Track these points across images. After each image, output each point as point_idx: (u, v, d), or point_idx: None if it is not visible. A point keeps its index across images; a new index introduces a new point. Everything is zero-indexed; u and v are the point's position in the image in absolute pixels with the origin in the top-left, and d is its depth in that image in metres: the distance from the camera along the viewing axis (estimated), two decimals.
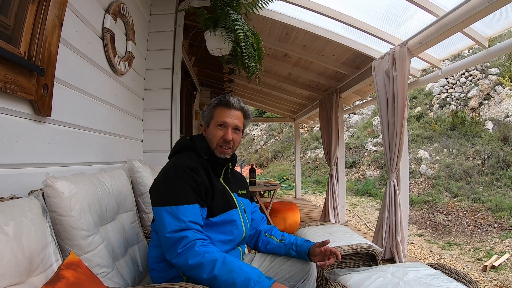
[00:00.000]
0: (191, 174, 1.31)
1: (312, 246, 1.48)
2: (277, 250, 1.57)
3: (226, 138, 1.45)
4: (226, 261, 1.16)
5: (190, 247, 1.17)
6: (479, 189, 7.19)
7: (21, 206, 1.00)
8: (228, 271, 1.13)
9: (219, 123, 1.46)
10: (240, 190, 1.62)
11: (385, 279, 1.63)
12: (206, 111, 1.53)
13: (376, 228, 3.64)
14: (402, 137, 3.29)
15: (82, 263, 0.99)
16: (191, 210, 1.25)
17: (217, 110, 1.48)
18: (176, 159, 1.42)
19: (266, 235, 1.64)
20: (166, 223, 1.22)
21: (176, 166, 1.34)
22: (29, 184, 1.31)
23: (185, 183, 1.28)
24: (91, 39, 1.86)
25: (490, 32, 2.84)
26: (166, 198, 1.27)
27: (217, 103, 1.49)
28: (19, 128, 1.29)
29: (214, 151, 1.46)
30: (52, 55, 1.36)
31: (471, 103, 9.92)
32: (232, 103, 1.48)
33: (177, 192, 1.27)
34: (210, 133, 1.48)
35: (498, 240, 5.20)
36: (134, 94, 2.64)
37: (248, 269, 1.16)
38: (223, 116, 1.46)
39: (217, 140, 1.45)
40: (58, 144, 1.56)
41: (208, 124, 1.51)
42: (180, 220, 1.21)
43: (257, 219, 1.70)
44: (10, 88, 1.14)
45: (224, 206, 1.41)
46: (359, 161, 11.85)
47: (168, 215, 1.23)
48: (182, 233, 1.19)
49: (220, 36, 2.51)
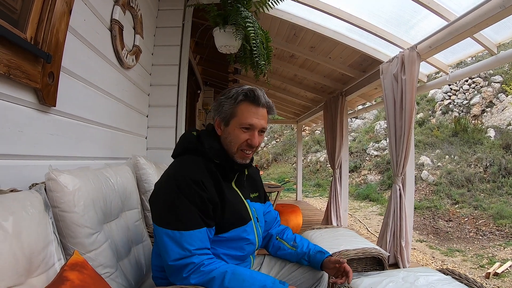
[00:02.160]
0: (196, 190, 1.12)
1: (326, 258, 1.37)
2: (288, 258, 1.48)
3: (253, 143, 1.23)
4: (236, 272, 1.08)
5: (196, 269, 1.06)
6: (481, 196, 7.14)
7: (22, 200, 0.93)
8: (239, 281, 1.05)
9: (245, 125, 1.22)
10: (252, 193, 1.44)
11: (396, 283, 1.61)
12: (225, 105, 1.24)
13: (381, 232, 3.58)
14: (409, 141, 3.24)
15: (88, 263, 0.92)
16: (197, 236, 1.09)
17: (241, 107, 1.22)
18: (179, 166, 1.22)
19: (277, 239, 1.52)
20: (168, 250, 1.07)
21: (179, 179, 1.14)
22: (30, 177, 1.25)
23: (189, 201, 1.10)
24: (99, 29, 1.80)
25: (500, 38, 2.80)
26: (167, 218, 1.11)
27: (242, 98, 1.22)
28: (22, 117, 1.22)
29: (234, 156, 1.25)
30: (60, 43, 1.30)
31: (473, 110, 9.90)
32: (261, 100, 1.23)
33: (181, 213, 1.10)
34: (230, 135, 1.24)
35: (500, 248, 5.15)
36: (140, 89, 2.58)
37: (260, 277, 1.09)
38: (250, 117, 1.22)
39: (239, 144, 1.23)
40: (62, 136, 1.49)
41: (227, 123, 1.25)
42: (185, 248, 1.06)
43: (270, 220, 1.56)
44: (14, 74, 1.08)
45: (236, 220, 1.24)
46: (360, 166, 11.80)
47: (170, 241, 1.08)
48: (188, 259, 1.06)
49: (230, 33, 2.46)
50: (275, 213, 1.63)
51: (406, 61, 3.15)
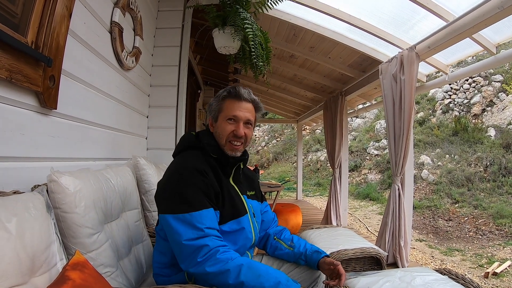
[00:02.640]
0: (200, 177, 1.19)
1: (322, 259, 1.41)
2: (286, 258, 1.50)
3: (238, 133, 1.32)
4: (252, 266, 1.10)
5: (211, 255, 1.08)
6: (481, 195, 7.15)
7: (25, 202, 0.96)
8: (255, 276, 1.07)
9: (229, 117, 1.33)
10: (249, 191, 1.50)
11: (393, 283, 1.61)
12: (213, 103, 1.39)
13: (379, 232, 3.60)
14: (408, 141, 3.25)
15: (89, 263, 0.94)
16: (206, 215, 1.14)
17: (226, 103, 1.35)
18: (181, 159, 1.30)
19: (275, 239, 1.55)
20: (181, 231, 1.11)
21: (182, 168, 1.22)
22: (32, 179, 1.27)
23: (194, 186, 1.17)
24: (99, 32, 1.82)
25: (499, 39, 2.81)
26: (175, 204, 1.15)
27: (226, 94, 1.36)
28: (23, 120, 1.25)
29: (224, 148, 1.34)
30: (60, 46, 1.32)
31: (474, 109, 9.89)
32: (242, 95, 1.35)
33: (188, 197, 1.15)
34: (218, 128, 1.35)
35: (499, 247, 5.16)
36: (140, 90, 2.60)
37: (275, 273, 1.12)
38: (233, 109, 1.33)
39: (226, 136, 1.33)
40: (63, 138, 1.52)
41: (216, 119, 1.38)
42: (197, 228, 1.11)
43: (267, 220, 1.60)
44: (15, 78, 1.10)
45: (233, 212, 1.30)
46: (360, 165, 11.81)
47: (181, 224, 1.12)
48: (202, 241, 1.09)
49: (229, 34, 2.47)
50: (272, 214, 1.67)
51: (405, 61, 3.16)
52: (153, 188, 2.00)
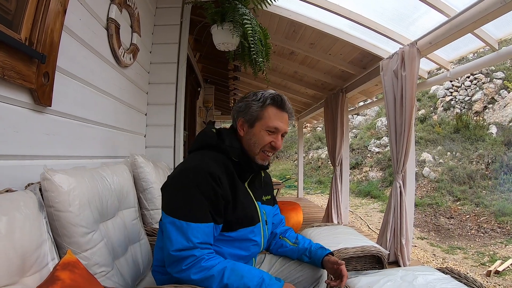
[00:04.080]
0: (212, 184, 1.13)
1: (326, 256, 1.38)
2: (289, 254, 1.49)
3: (277, 145, 1.28)
4: (235, 268, 1.09)
5: (196, 263, 1.07)
6: (482, 193, 7.13)
7: (15, 200, 0.94)
8: (238, 277, 1.06)
9: (270, 129, 1.26)
10: (265, 195, 1.45)
11: (394, 283, 1.60)
12: (253, 106, 1.28)
13: (381, 230, 3.57)
14: (409, 138, 3.22)
15: (80, 263, 0.92)
16: (203, 230, 1.10)
17: (268, 111, 1.27)
18: (198, 158, 1.22)
19: (280, 237, 1.53)
20: (172, 239, 1.08)
21: (197, 170, 1.15)
22: (26, 177, 1.24)
23: (202, 194, 1.12)
24: (95, 28, 1.79)
25: (500, 34, 2.78)
26: (178, 208, 1.12)
27: (270, 102, 1.27)
28: (17, 118, 1.22)
29: (255, 156, 1.29)
30: (54, 43, 1.29)
31: (475, 106, 9.85)
32: (287, 106, 1.29)
33: (193, 205, 1.11)
34: (254, 136, 1.27)
35: (501, 245, 5.14)
36: (138, 87, 2.57)
37: (258, 273, 1.11)
38: (275, 121, 1.27)
39: (263, 146, 1.27)
40: (58, 136, 1.49)
41: (252, 124, 1.28)
42: (189, 240, 1.07)
43: (276, 222, 1.58)
44: (8, 75, 1.08)
45: (245, 220, 1.25)
46: (361, 162, 11.79)
47: (176, 230, 1.09)
48: (190, 252, 1.07)
49: (228, 30, 2.45)
50: (281, 216, 1.66)
51: (406, 58, 3.13)
52: (150, 187, 1.98)
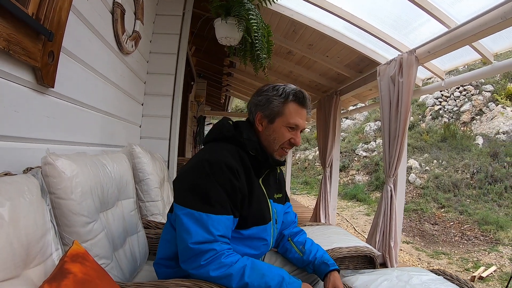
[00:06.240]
0: (230, 177, 1.09)
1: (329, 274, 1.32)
2: (294, 263, 1.44)
3: (296, 142, 1.25)
4: (255, 266, 1.05)
5: (216, 258, 1.02)
6: (466, 202, 7.28)
7: (19, 185, 0.86)
8: (259, 276, 1.03)
9: (291, 125, 1.23)
10: (277, 193, 1.41)
11: (391, 282, 1.62)
12: (274, 101, 1.23)
13: (370, 232, 3.62)
14: (403, 143, 3.27)
15: (89, 255, 0.86)
16: (224, 222, 1.06)
17: (289, 107, 1.23)
18: (214, 150, 1.17)
19: (288, 240, 1.47)
20: (191, 231, 1.03)
21: (213, 161, 1.10)
22: (24, 161, 1.19)
23: (221, 186, 1.07)
24: (101, 11, 1.73)
25: (497, 48, 2.84)
26: (195, 200, 1.06)
27: (293, 98, 1.23)
28: (18, 97, 1.15)
29: (274, 152, 1.25)
30: (62, 21, 1.24)
31: (463, 117, 10.07)
32: (308, 103, 1.26)
33: (212, 197, 1.06)
34: (274, 132, 1.24)
35: (484, 252, 5.27)
36: (137, 76, 2.51)
37: (277, 271, 1.09)
38: (296, 117, 1.23)
39: (282, 142, 1.24)
40: (59, 119, 1.43)
41: (272, 120, 1.24)
42: (210, 232, 1.03)
43: (287, 222, 1.53)
44: (14, 50, 1.01)
45: (258, 218, 1.21)
46: (348, 166, 11.89)
47: (195, 222, 1.04)
48: (210, 245, 1.02)
49: (232, 24, 2.43)
50: (293, 215, 1.59)
51: (404, 64, 3.17)
52: (147, 178, 1.93)
